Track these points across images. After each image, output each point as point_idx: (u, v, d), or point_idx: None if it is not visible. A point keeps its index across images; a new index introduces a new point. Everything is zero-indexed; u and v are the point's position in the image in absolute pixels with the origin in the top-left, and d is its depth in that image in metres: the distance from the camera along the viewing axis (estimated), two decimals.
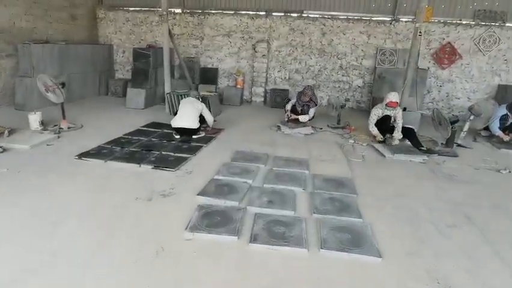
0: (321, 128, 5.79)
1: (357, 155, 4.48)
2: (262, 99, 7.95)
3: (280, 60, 7.89)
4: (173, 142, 4.64)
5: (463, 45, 7.00)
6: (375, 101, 7.13)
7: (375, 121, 5.09)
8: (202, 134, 5.00)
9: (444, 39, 7.04)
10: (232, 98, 7.81)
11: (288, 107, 5.87)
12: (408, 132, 4.91)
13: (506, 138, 5.22)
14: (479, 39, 6.86)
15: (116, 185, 3.28)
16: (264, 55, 7.73)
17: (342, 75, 7.71)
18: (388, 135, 5.04)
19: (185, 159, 4.01)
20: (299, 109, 5.85)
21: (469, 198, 3.32)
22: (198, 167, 3.82)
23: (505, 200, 3.32)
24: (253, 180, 3.48)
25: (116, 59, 8.71)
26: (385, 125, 5.01)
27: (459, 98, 7.29)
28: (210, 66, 8.27)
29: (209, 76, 8.21)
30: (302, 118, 5.64)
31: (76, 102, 7.03)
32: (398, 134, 4.91)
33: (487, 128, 5.50)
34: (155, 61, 7.15)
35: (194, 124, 4.78)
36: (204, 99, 6.26)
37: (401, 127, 4.96)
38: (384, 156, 4.43)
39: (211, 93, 6.69)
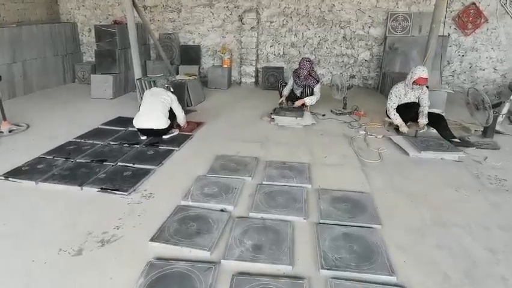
0: (323, 115, 4.76)
1: (372, 153, 3.49)
2: (253, 79, 6.83)
3: (273, 33, 6.69)
4: (137, 146, 3.64)
5: (488, 6, 5.79)
6: (385, 77, 6.04)
7: (396, 104, 4.03)
8: (176, 133, 3.98)
9: None
10: (219, 80, 6.69)
11: (286, 92, 4.81)
12: (436, 120, 3.89)
13: None
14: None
15: (39, 225, 2.31)
16: (253, 27, 6.53)
17: (346, 48, 6.54)
18: (410, 123, 4.01)
19: (146, 173, 3.02)
20: (298, 92, 4.79)
21: None
22: (161, 186, 2.84)
23: None
24: (235, 205, 2.51)
25: (83, 39, 7.48)
26: (409, 110, 3.97)
27: (484, 70, 6.18)
28: (191, 43, 7.07)
29: (190, 55, 7.03)
30: (309, 101, 4.58)
31: (35, 94, 5.95)
32: (424, 120, 3.88)
33: None
34: (124, 40, 5.97)
35: (162, 123, 3.74)
36: (180, 86, 5.20)
37: (427, 111, 3.93)
38: (408, 154, 3.44)
39: (189, 77, 5.59)
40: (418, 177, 3.00)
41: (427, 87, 4.24)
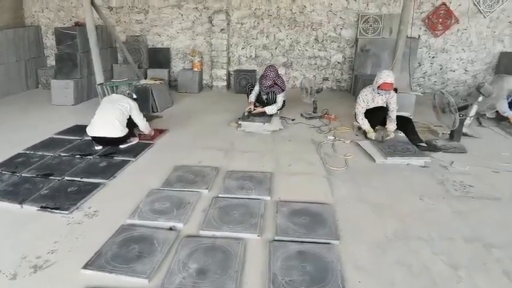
0: (293, 119, 4.62)
1: (339, 160, 3.36)
2: (225, 83, 6.63)
3: (244, 35, 6.52)
4: (90, 158, 3.38)
5: (460, 5, 5.82)
6: (358, 79, 5.98)
7: (364, 109, 3.93)
8: (134, 142, 3.73)
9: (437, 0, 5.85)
10: (189, 83, 6.45)
11: (252, 98, 4.64)
12: (403, 123, 3.81)
13: None
14: None
15: None
16: (223, 29, 6.34)
17: (319, 50, 6.45)
18: (378, 127, 3.92)
19: (93, 188, 2.78)
20: (264, 97, 4.64)
21: (501, 231, 2.27)
22: (109, 202, 2.61)
23: None
24: (186, 222, 2.30)
25: (46, 42, 7.08)
26: (377, 114, 3.87)
27: (454, 71, 6.21)
28: (159, 46, 6.81)
29: (159, 58, 6.75)
30: (269, 110, 4.43)
31: None
32: (392, 126, 3.80)
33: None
34: (87, 43, 5.64)
35: (117, 131, 3.49)
36: (144, 91, 4.95)
37: (395, 116, 3.85)
38: (375, 160, 3.33)
39: (155, 81, 5.34)
40: (383, 185, 2.88)
41: (396, 90, 4.17)
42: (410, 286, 1.79)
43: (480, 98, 3.91)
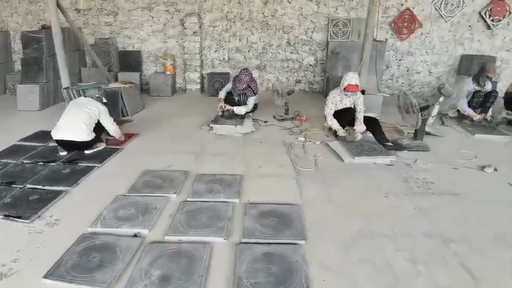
0: (265, 122, 4.64)
1: (309, 161, 3.41)
2: (199, 86, 6.58)
3: (216, 38, 6.50)
4: (53, 164, 3.24)
5: (423, 10, 6.09)
6: (329, 81, 6.10)
7: (333, 111, 4.02)
8: (101, 147, 3.61)
9: (402, 4, 6.07)
10: (162, 87, 6.35)
11: (222, 94, 4.60)
12: (370, 124, 3.92)
13: (476, 116, 4.44)
14: (441, 3, 5.98)
15: None
16: (195, 32, 6.29)
17: (291, 53, 6.53)
18: (347, 128, 4.01)
19: (55, 196, 2.66)
20: (236, 98, 4.63)
21: (459, 226, 2.37)
22: (71, 211, 2.51)
23: (506, 224, 2.40)
24: (151, 228, 2.25)
25: (14, 47, 6.75)
26: (346, 115, 3.96)
27: (419, 73, 6.47)
28: (130, 48, 6.66)
29: (130, 61, 6.60)
30: (238, 110, 4.43)
31: None
32: (360, 127, 3.89)
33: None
34: (53, 46, 5.42)
35: (84, 135, 3.37)
36: (114, 95, 4.82)
37: (362, 117, 3.96)
38: (343, 160, 3.40)
39: (125, 85, 5.21)
40: (350, 184, 2.94)
41: (363, 92, 4.30)
42: (373, 283, 1.83)
43: (441, 99, 4.10)
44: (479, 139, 4.11)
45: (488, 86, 4.52)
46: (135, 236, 2.18)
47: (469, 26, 6.09)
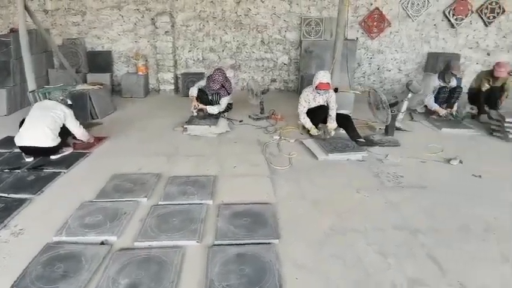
0: (240, 121, 4.62)
1: (283, 160, 3.42)
2: (173, 86, 6.46)
3: (190, 37, 6.41)
4: (18, 171, 3.07)
5: (391, 10, 6.27)
6: (303, 80, 6.16)
7: (306, 109, 4.05)
8: (67, 152, 3.46)
9: (372, 4, 6.22)
10: (134, 88, 6.18)
11: (194, 92, 4.45)
12: (343, 121, 3.99)
13: (443, 112, 4.63)
14: (408, 3, 6.19)
15: None
16: (167, 31, 6.16)
17: (265, 52, 6.54)
18: (321, 125, 4.07)
19: (20, 204, 2.52)
20: (209, 98, 4.57)
21: (426, 218, 2.44)
22: (35, 219, 2.38)
23: (471, 215, 2.50)
24: (120, 234, 2.17)
25: None
26: (319, 113, 4.01)
27: (390, 70, 6.67)
28: (99, 49, 6.44)
29: (100, 62, 6.38)
30: (210, 109, 4.37)
31: None
32: (333, 124, 3.95)
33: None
34: (20, 49, 5.11)
35: (48, 140, 3.21)
36: (81, 97, 4.64)
37: (335, 115, 4.02)
38: (317, 157, 3.43)
39: (93, 86, 5.03)
40: (324, 181, 2.98)
41: (336, 90, 4.36)
42: (344, 279, 1.86)
43: (410, 95, 4.24)
44: (446, 133, 4.28)
45: (453, 82, 4.72)
46: (102, 243, 2.10)
47: (434, 25, 6.34)
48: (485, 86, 4.87)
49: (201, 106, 4.40)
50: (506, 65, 4.85)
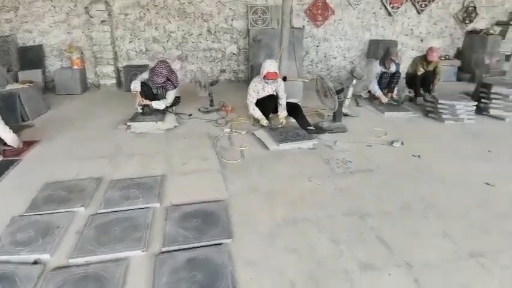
0: (189, 115, 4.42)
1: (235, 153, 3.33)
2: (115, 81, 6.00)
3: (130, 27, 5.97)
4: None
5: None
6: (253, 69, 6.08)
7: (255, 99, 3.99)
8: None
9: None
10: (69, 84, 5.62)
11: (137, 86, 4.07)
12: (293, 109, 4.00)
13: (384, 99, 4.87)
14: None
15: None
16: (103, 21, 5.67)
17: (212, 42, 6.33)
18: (271, 115, 4.04)
19: None
20: (154, 91, 4.30)
21: (374, 201, 2.53)
22: None
23: (413, 195, 2.65)
24: (52, 252, 1.93)
25: None
26: (268, 103, 3.96)
27: (335, 58, 6.86)
28: (31, 43, 5.74)
29: (31, 58, 5.69)
30: (156, 104, 4.12)
31: None
32: (283, 113, 3.94)
33: None
34: None
35: None
36: (10, 98, 4.11)
37: (285, 104, 4.01)
38: (268, 148, 3.40)
39: (23, 85, 4.47)
40: (276, 172, 2.96)
41: (285, 78, 4.35)
42: (298, 271, 1.84)
43: (354, 81, 4.37)
44: (388, 116, 4.51)
45: (393, 68, 4.96)
46: (35, 263, 1.86)
47: (374, 13, 6.61)
48: (420, 71, 5.21)
49: (146, 102, 4.12)
50: (437, 50, 5.23)
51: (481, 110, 4.59)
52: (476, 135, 3.93)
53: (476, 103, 4.46)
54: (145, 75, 4.31)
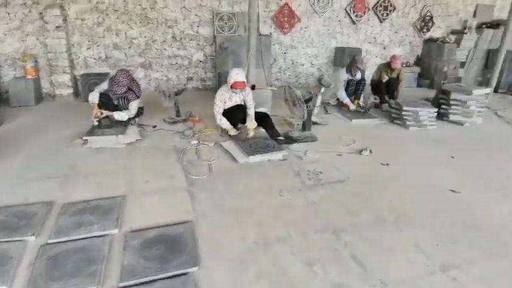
0: (154, 127, 4.19)
1: (202, 167, 3.17)
2: (72, 90, 5.60)
3: (87, 33, 5.61)
4: None
5: (299, 6, 6.44)
6: (221, 77, 5.94)
7: (222, 109, 3.85)
8: None
9: (281, 0, 6.31)
10: (23, 95, 5.16)
11: (95, 98, 3.82)
12: (262, 119, 3.90)
13: (352, 107, 4.93)
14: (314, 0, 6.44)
15: None
16: (58, 27, 5.27)
17: (178, 49, 6.12)
18: (240, 125, 3.92)
19: None
20: (115, 102, 4.04)
21: (346, 214, 2.49)
22: None
23: (384, 205, 2.64)
24: (10, 284, 1.67)
25: None
26: (236, 113, 3.84)
27: (303, 65, 6.90)
28: None
29: None
30: (118, 115, 3.86)
31: None
32: (252, 123, 3.83)
33: None
34: None
35: None
36: None
37: (253, 113, 3.91)
38: (237, 161, 3.27)
39: None
40: (246, 187, 2.83)
41: (253, 87, 4.27)
42: None
43: (322, 89, 4.37)
44: (356, 124, 4.56)
45: (358, 75, 5.05)
46: None
47: (339, 21, 6.74)
48: (385, 78, 5.36)
49: (106, 113, 3.83)
50: (400, 58, 5.40)
51: (441, 116, 4.78)
52: (438, 141, 4.06)
53: (437, 109, 4.63)
54: (104, 86, 4.03)
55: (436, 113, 4.60)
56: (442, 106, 4.84)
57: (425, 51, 7.48)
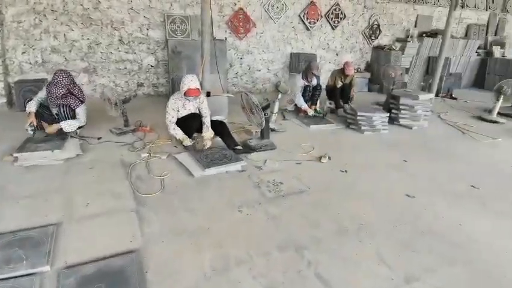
0: (99, 138, 3.80)
1: (154, 183, 2.89)
2: (5, 99, 4.94)
3: (24, 36, 5.00)
4: None
5: (254, 11, 6.38)
6: (174, 83, 5.65)
7: (175, 118, 3.60)
8: None
9: (236, 4, 6.18)
10: None
11: (33, 107, 3.48)
12: (218, 128, 3.71)
13: (310, 112, 4.95)
14: (268, 5, 6.40)
15: None
16: None
17: (126, 52, 5.71)
18: (196, 135, 3.69)
19: None
20: (54, 112, 3.61)
21: (307, 227, 2.39)
22: None
23: (345, 214, 2.60)
24: None
25: None
26: (191, 122, 3.61)
27: (260, 70, 6.84)
28: None
29: None
30: (67, 125, 3.48)
31: None
32: (208, 133, 3.62)
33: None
34: None
35: None
36: None
37: (209, 122, 3.70)
38: (193, 174, 3.05)
39: None
40: (202, 204, 2.62)
41: (208, 94, 4.07)
42: None
43: (279, 96, 4.31)
44: (314, 130, 4.56)
45: (314, 81, 5.08)
46: None
47: (293, 27, 6.79)
48: (339, 83, 5.46)
49: (54, 126, 3.46)
50: (352, 64, 5.55)
51: (392, 120, 4.96)
52: (391, 145, 4.18)
53: (388, 114, 4.79)
54: (41, 94, 3.60)
55: (388, 118, 4.77)
56: (393, 111, 5.03)
57: (374, 57, 7.84)
